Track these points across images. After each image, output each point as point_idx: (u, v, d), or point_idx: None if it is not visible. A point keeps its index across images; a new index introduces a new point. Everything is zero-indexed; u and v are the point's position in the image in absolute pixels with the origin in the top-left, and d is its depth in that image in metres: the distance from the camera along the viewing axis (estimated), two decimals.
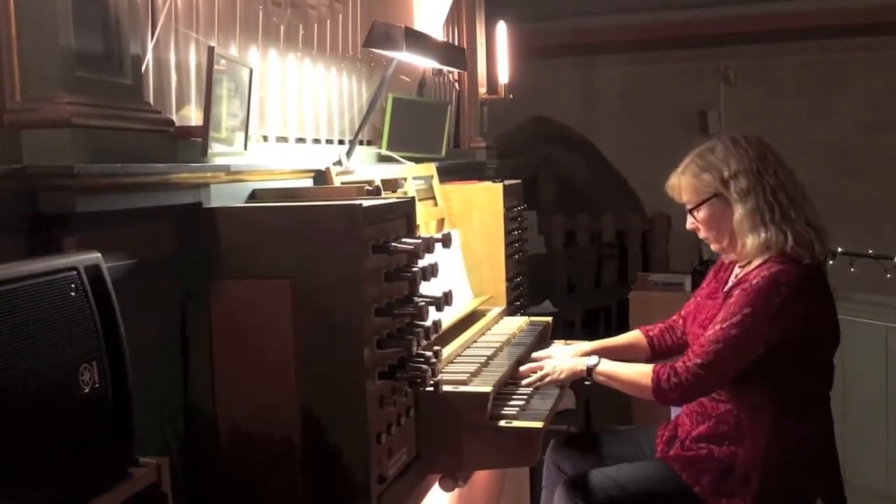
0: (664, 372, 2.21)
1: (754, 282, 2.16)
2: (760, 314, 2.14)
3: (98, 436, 1.34)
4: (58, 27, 1.60)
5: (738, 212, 2.22)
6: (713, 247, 2.39)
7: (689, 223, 2.36)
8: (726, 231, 2.29)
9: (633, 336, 2.70)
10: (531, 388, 2.46)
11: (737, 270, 2.36)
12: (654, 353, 2.64)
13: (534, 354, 2.68)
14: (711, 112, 7.00)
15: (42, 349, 1.24)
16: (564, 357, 2.57)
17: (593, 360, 2.43)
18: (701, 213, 2.31)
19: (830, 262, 4.44)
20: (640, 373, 2.30)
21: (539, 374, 2.49)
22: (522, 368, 2.54)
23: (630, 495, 2.28)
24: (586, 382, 2.47)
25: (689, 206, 2.34)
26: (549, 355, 2.62)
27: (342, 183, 2.45)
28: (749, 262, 2.28)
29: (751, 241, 2.22)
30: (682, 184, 2.33)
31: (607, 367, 2.39)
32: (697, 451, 2.27)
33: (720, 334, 2.16)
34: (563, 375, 2.45)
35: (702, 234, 2.36)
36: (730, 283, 2.33)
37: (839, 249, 4.45)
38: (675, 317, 2.64)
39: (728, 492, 2.21)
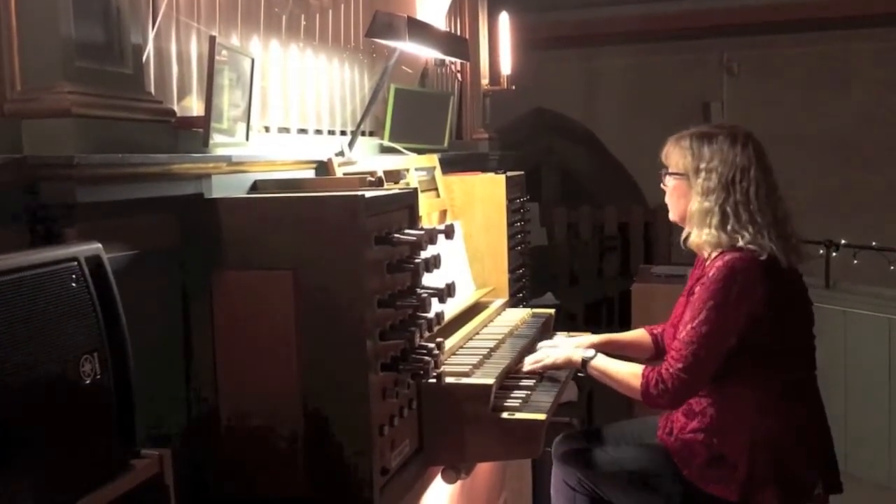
0: (652, 377, 2.25)
1: (710, 274, 2.22)
2: (722, 304, 2.19)
3: (99, 427, 1.33)
4: (58, 16, 1.59)
5: (694, 203, 2.32)
6: (670, 215, 2.49)
7: (661, 183, 2.47)
8: (680, 209, 2.40)
9: (639, 334, 2.74)
10: (533, 381, 2.47)
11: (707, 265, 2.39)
12: (657, 351, 2.66)
13: (539, 344, 2.70)
14: (715, 103, 6.98)
15: (43, 340, 1.23)
16: (566, 346, 2.59)
17: (590, 352, 2.47)
18: (669, 182, 2.43)
19: (833, 254, 4.44)
20: (631, 374, 2.33)
21: (535, 356, 2.52)
22: (527, 362, 2.54)
23: (626, 472, 2.36)
24: (580, 374, 2.51)
25: (665, 169, 2.43)
26: (555, 345, 2.64)
27: (344, 174, 2.44)
28: (709, 255, 2.31)
29: (695, 234, 2.33)
30: (672, 147, 2.42)
31: (602, 362, 2.42)
32: (693, 437, 2.30)
33: (692, 334, 2.20)
34: (558, 361, 2.48)
35: (665, 199, 2.47)
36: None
37: (842, 241, 4.44)
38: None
39: (715, 478, 2.25)
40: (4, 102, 1.61)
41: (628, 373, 2.34)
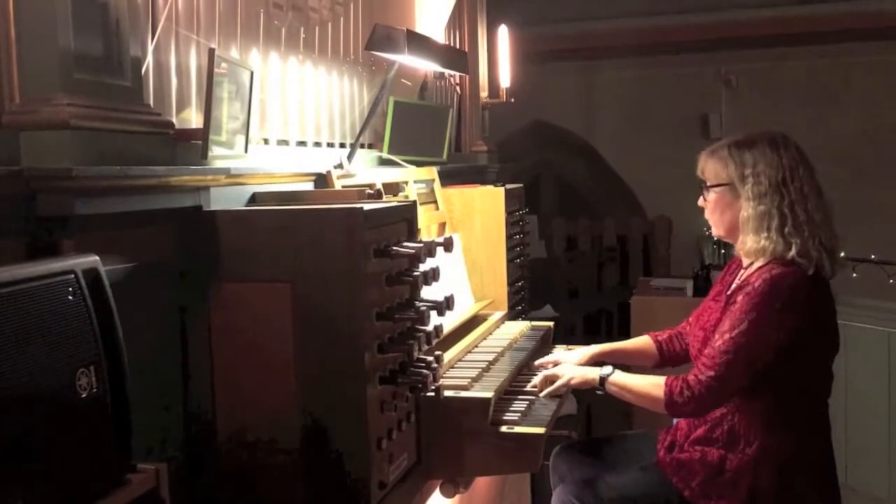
0: (677, 385, 2.20)
1: (756, 284, 2.17)
2: (765, 318, 2.14)
3: (96, 441, 1.32)
4: (57, 28, 1.59)
5: (747, 210, 2.25)
6: (713, 231, 2.42)
7: (700, 200, 2.40)
8: (726, 221, 2.33)
9: (642, 341, 2.69)
10: (532, 394, 2.45)
11: (741, 272, 2.36)
12: (662, 358, 2.63)
13: (538, 362, 2.67)
14: (713, 116, 7.00)
15: (39, 353, 1.22)
16: (572, 362, 2.55)
17: (607, 369, 2.40)
18: (711, 196, 2.35)
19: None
20: (652, 384, 2.27)
21: (546, 373, 2.46)
22: (536, 380, 2.50)
23: (624, 499, 2.29)
24: (598, 392, 2.44)
25: (704, 184, 2.37)
26: (556, 360, 2.60)
27: (343, 186, 2.44)
28: (751, 264, 2.28)
29: (751, 241, 2.25)
30: (707, 160, 2.36)
31: (620, 378, 2.37)
32: (691, 453, 2.28)
33: (729, 344, 2.15)
34: (574, 381, 2.43)
35: (706, 215, 2.40)
36: (733, 286, 2.33)
37: (842, 255, 4.43)
38: (683, 323, 2.63)
39: (716, 494, 2.21)
40: (3, 114, 1.61)
41: (649, 384, 2.29)
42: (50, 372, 1.24)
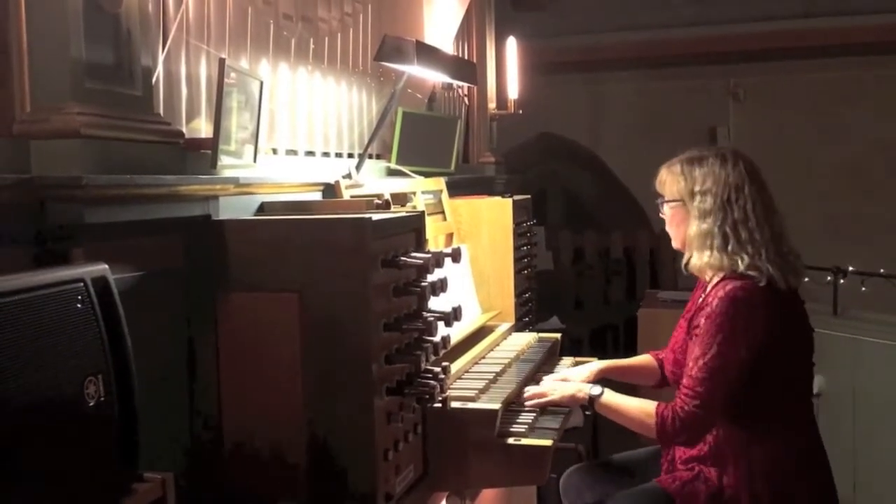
0: (668, 415, 2.19)
1: (714, 304, 2.19)
2: (732, 337, 2.16)
3: (103, 450, 1.32)
4: (69, 38, 1.60)
5: (693, 227, 2.30)
6: (673, 244, 2.46)
7: (661, 213, 2.45)
8: (681, 236, 2.38)
9: (644, 360, 2.69)
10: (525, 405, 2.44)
11: (708, 289, 2.37)
12: (664, 377, 2.62)
13: (545, 378, 2.64)
14: (721, 129, 7.00)
15: (47, 362, 1.23)
16: (576, 379, 2.54)
17: (597, 389, 2.38)
18: (666, 210, 2.41)
19: (841, 281, 4.41)
20: (643, 412, 2.26)
21: (537, 390, 2.46)
22: (528, 391, 2.50)
23: None
24: (587, 413, 2.44)
25: (662, 198, 2.41)
26: (563, 378, 2.58)
27: (351, 196, 2.44)
28: (710, 280, 2.30)
29: (696, 258, 2.30)
30: (663, 175, 2.41)
31: (611, 399, 2.35)
32: (689, 471, 2.27)
33: (704, 370, 2.17)
34: (563, 399, 2.42)
35: (666, 227, 2.45)
36: (696, 307, 2.34)
37: (850, 268, 4.41)
38: None
39: None
40: (14, 123, 1.62)
41: (640, 410, 2.27)
42: (58, 380, 1.24)
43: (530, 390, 2.49)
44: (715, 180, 2.27)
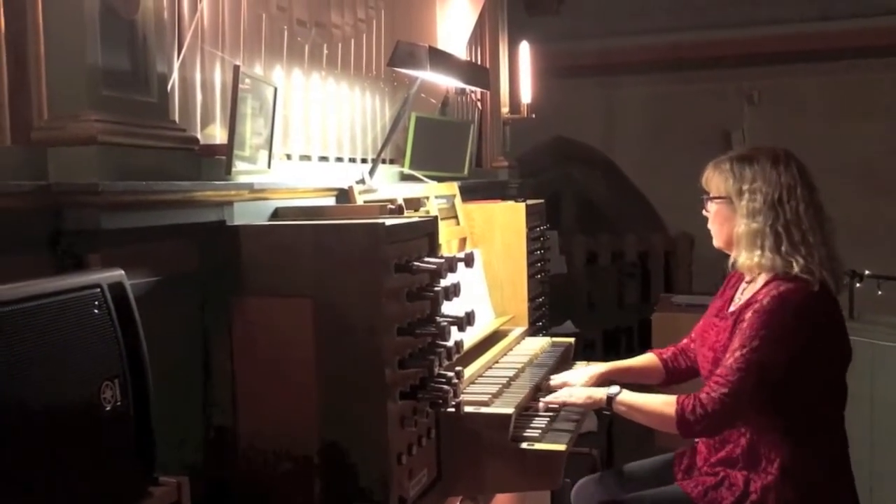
0: (689, 403, 2.17)
1: (764, 302, 2.16)
2: (776, 334, 2.13)
3: (118, 454, 1.33)
4: (85, 45, 1.62)
5: (741, 226, 2.26)
6: (714, 241, 2.43)
7: (704, 210, 2.42)
8: (725, 234, 2.34)
9: (647, 359, 2.67)
10: (553, 411, 2.43)
11: (742, 286, 2.34)
12: (668, 375, 2.61)
13: (552, 377, 2.65)
14: (735, 132, 6.97)
15: (65, 367, 1.24)
16: (581, 382, 2.53)
17: (614, 389, 2.37)
18: (711, 207, 2.38)
19: (858, 285, 4.38)
20: (663, 403, 2.24)
21: (552, 396, 2.45)
22: (543, 399, 2.49)
23: None
24: (605, 412, 2.41)
25: (707, 195, 2.39)
26: (563, 381, 2.57)
27: (365, 201, 2.45)
28: (754, 280, 2.26)
29: (744, 256, 2.25)
30: (712, 172, 2.38)
31: (629, 397, 2.33)
32: (714, 477, 2.24)
33: (741, 361, 2.13)
34: (579, 400, 2.41)
35: (708, 225, 2.42)
36: (736, 302, 2.32)
37: (866, 272, 4.38)
38: (686, 340, 2.61)
39: None
40: (31, 130, 1.64)
41: (659, 402, 2.25)
42: (75, 385, 1.26)
43: (548, 398, 2.48)
44: (765, 179, 2.23)
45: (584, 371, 2.63)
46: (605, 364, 2.67)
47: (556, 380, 2.60)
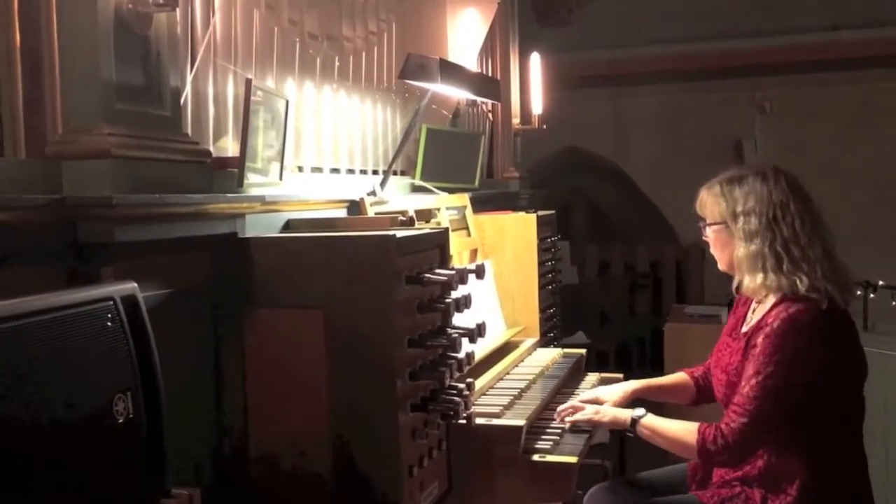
0: (710, 433, 2.14)
1: (775, 325, 2.12)
2: (789, 358, 2.10)
3: (131, 466, 1.34)
4: (99, 60, 1.63)
5: (740, 250, 2.23)
6: (718, 266, 2.40)
7: (704, 236, 2.39)
8: (727, 258, 2.32)
9: (679, 377, 2.64)
10: (566, 423, 2.42)
11: (754, 305, 2.32)
12: (699, 394, 2.58)
13: (581, 396, 2.61)
14: (747, 142, 6.94)
15: (78, 379, 1.25)
16: (614, 400, 2.50)
17: (639, 411, 2.35)
18: (709, 233, 2.35)
19: (871, 296, 4.35)
20: (685, 430, 2.21)
21: (580, 415, 2.44)
22: (561, 407, 2.48)
23: None
24: (629, 434, 2.39)
25: (703, 221, 2.36)
26: (595, 397, 2.54)
27: (376, 213, 2.46)
28: (763, 301, 2.24)
29: (748, 280, 2.22)
30: (703, 198, 2.35)
31: (653, 421, 2.31)
32: (731, 490, 2.23)
33: (758, 389, 2.11)
34: (604, 420, 2.39)
35: (710, 250, 2.39)
36: (748, 322, 2.30)
37: (880, 283, 4.35)
38: (711, 359, 2.59)
39: None
40: (46, 144, 1.65)
41: (682, 430, 2.23)
42: (88, 397, 1.26)
43: (569, 404, 2.46)
44: (757, 199, 2.21)
45: (618, 387, 2.60)
46: (637, 381, 2.64)
47: (588, 395, 2.58)
